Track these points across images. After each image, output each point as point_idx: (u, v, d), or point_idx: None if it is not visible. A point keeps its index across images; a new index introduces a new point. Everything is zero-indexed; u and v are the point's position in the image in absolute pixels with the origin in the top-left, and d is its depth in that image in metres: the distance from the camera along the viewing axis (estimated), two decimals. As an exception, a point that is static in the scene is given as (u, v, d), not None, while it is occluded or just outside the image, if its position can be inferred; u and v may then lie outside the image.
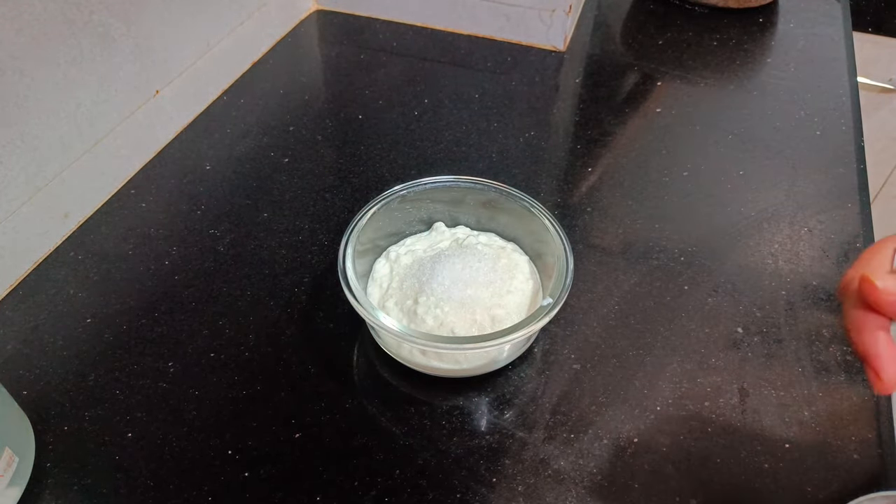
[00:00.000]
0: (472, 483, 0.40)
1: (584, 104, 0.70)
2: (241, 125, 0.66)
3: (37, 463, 0.40)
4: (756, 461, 0.41)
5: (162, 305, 0.50)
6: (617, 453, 0.41)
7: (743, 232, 0.56)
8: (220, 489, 0.40)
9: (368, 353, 0.47)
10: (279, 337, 0.48)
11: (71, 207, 0.55)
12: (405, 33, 0.80)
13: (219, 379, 0.45)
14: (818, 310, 0.50)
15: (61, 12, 0.49)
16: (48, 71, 0.49)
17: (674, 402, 0.44)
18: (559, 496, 0.40)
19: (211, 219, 0.57)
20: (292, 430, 0.42)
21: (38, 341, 0.47)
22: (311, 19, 0.82)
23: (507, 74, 0.73)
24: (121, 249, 0.54)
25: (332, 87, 0.72)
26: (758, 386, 0.45)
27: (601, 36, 0.81)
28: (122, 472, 0.40)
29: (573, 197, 0.59)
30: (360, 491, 0.40)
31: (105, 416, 0.43)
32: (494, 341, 0.39)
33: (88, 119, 0.54)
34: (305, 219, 0.57)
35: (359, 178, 0.61)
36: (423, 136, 0.65)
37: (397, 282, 0.47)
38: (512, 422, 0.43)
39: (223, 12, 0.67)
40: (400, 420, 0.43)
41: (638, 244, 0.55)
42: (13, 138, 0.48)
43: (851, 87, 0.72)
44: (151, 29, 0.58)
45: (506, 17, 0.77)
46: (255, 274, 0.52)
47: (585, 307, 0.50)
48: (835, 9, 0.85)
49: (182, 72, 0.63)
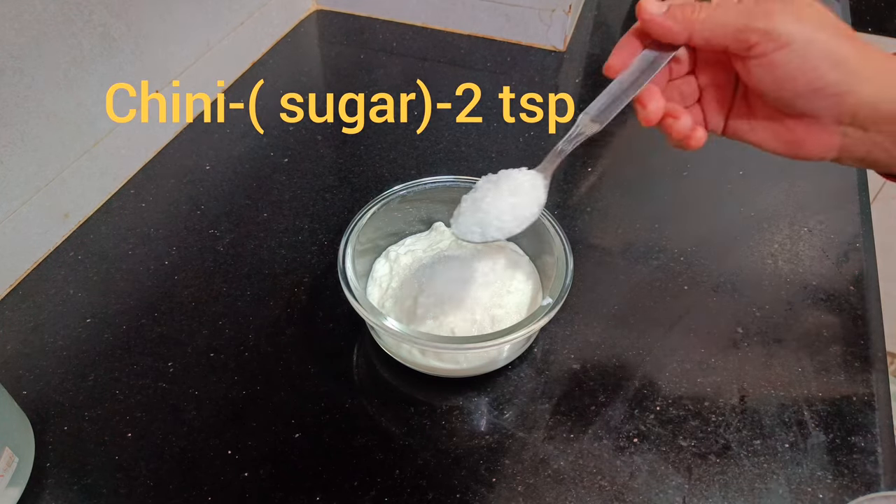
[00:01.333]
0: (472, 483, 0.40)
1: (583, 104, 0.69)
2: (241, 125, 0.66)
3: (37, 463, 0.40)
4: (756, 461, 0.41)
5: (162, 305, 0.50)
6: (617, 453, 0.41)
7: (743, 232, 0.56)
8: (220, 489, 0.40)
9: (368, 353, 0.47)
10: (279, 337, 0.48)
11: (71, 207, 0.55)
12: (405, 33, 0.80)
13: (218, 379, 0.45)
14: (818, 310, 0.50)
15: (61, 12, 0.49)
16: (48, 71, 0.49)
17: (674, 402, 0.44)
18: (559, 496, 0.40)
19: (211, 219, 0.57)
20: (292, 430, 0.42)
21: (38, 341, 0.47)
22: (311, 19, 0.82)
23: (507, 74, 0.73)
24: (121, 249, 0.54)
25: (332, 87, 0.72)
26: (758, 386, 0.45)
27: (601, 36, 0.81)
28: (122, 472, 0.40)
29: (573, 197, 0.59)
30: (360, 491, 0.40)
31: (105, 416, 0.43)
32: (494, 341, 0.39)
33: (88, 119, 0.54)
34: (305, 219, 0.57)
35: (359, 178, 0.61)
36: (423, 136, 0.65)
37: (397, 282, 0.47)
38: (512, 422, 0.43)
39: (223, 12, 0.67)
40: (400, 420, 0.43)
41: (638, 244, 0.55)
42: (13, 138, 0.48)
43: (851, 87, 0.72)
44: (151, 29, 0.58)
45: (506, 16, 0.77)
46: (255, 274, 0.52)
47: (585, 307, 0.50)
48: (834, 9, 0.85)
49: (182, 72, 0.63)
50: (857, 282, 0.52)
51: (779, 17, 0.33)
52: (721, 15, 0.34)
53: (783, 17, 0.33)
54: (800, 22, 0.33)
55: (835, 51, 0.33)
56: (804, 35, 0.33)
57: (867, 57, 0.34)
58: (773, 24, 0.33)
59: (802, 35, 0.33)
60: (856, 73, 0.33)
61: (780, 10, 0.33)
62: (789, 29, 0.33)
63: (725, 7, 0.34)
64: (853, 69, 0.33)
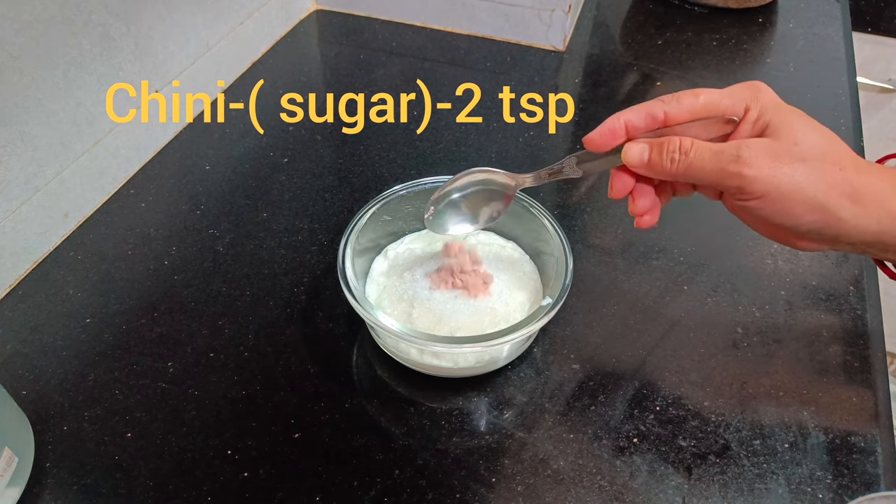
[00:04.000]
0: (472, 483, 0.40)
1: (583, 104, 0.70)
2: (240, 125, 0.66)
3: (36, 463, 0.40)
4: (756, 461, 0.41)
5: (161, 305, 0.50)
6: (616, 453, 0.41)
7: (743, 232, 0.56)
8: (220, 489, 0.40)
9: (368, 353, 0.47)
10: (279, 337, 0.48)
11: (71, 207, 0.55)
12: (405, 33, 0.80)
13: (218, 379, 0.45)
14: (818, 310, 0.50)
15: (61, 12, 0.49)
16: (48, 71, 0.49)
17: (673, 402, 0.44)
18: (559, 496, 0.40)
19: (210, 219, 0.57)
20: (292, 430, 0.42)
21: (37, 341, 0.47)
22: (311, 19, 0.82)
23: (507, 74, 0.73)
24: (120, 249, 0.54)
25: (331, 87, 0.72)
26: (758, 386, 0.45)
27: (600, 36, 0.81)
28: (122, 472, 0.40)
29: (573, 197, 0.59)
30: (360, 491, 0.40)
31: (104, 415, 0.43)
32: (494, 341, 0.39)
33: (88, 119, 0.54)
34: (305, 219, 0.57)
35: (358, 178, 0.61)
36: (423, 136, 0.65)
37: (395, 280, 0.47)
38: (511, 422, 0.43)
39: (223, 12, 0.67)
40: (399, 420, 0.43)
41: (638, 244, 0.55)
42: (13, 138, 0.48)
43: (851, 87, 0.72)
44: (151, 29, 0.58)
45: (505, 16, 0.77)
46: (255, 274, 0.52)
47: (585, 307, 0.50)
48: (834, 9, 0.85)
49: (182, 72, 0.63)
50: (857, 282, 0.52)
51: (753, 165, 0.33)
52: (698, 163, 0.35)
53: (758, 164, 0.33)
54: (776, 166, 0.33)
55: (811, 196, 0.34)
56: (778, 183, 0.33)
57: (851, 189, 0.34)
58: (744, 176, 0.33)
59: (776, 184, 0.33)
60: (835, 211, 0.34)
61: (755, 156, 0.33)
62: (764, 176, 0.33)
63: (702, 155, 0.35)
64: (832, 208, 0.34)
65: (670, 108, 0.36)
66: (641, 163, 0.37)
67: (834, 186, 0.34)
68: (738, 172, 0.34)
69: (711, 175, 0.35)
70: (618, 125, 0.37)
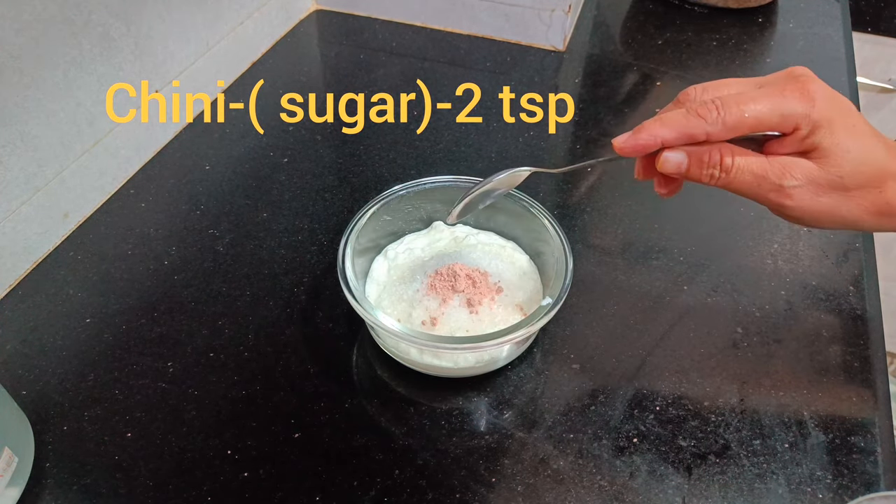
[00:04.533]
0: (472, 483, 0.40)
1: (583, 104, 0.70)
2: (240, 125, 0.66)
3: (36, 463, 0.40)
4: (756, 461, 0.41)
5: (161, 305, 0.50)
6: (616, 453, 0.41)
7: (743, 232, 0.56)
8: (220, 489, 0.40)
9: (368, 353, 0.47)
10: (279, 337, 0.48)
11: (70, 207, 0.55)
12: (405, 33, 0.80)
13: (218, 379, 0.45)
14: (818, 310, 0.50)
15: (61, 12, 0.49)
16: (48, 71, 0.49)
17: (673, 402, 0.44)
18: (559, 496, 0.40)
19: (210, 219, 0.57)
20: (292, 430, 0.42)
21: (37, 341, 0.47)
22: (311, 19, 0.82)
23: (507, 74, 0.73)
24: (120, 249, 0.54)
25: (331, 87, 0.72)
26: (758, 386, 0.45)
27: (600, 36, 0.81)
28: (122, 472, 0.40)
29: (573, 197, 0.59)
30: (360, 491, 0.40)
31: (104, 415, 0.43)
32: (494, 341, 0.39)
33: (88, 119, 0.54)
34: (305, 219, 0.57)
35: (358, 178, 0.61)
36: (423, 136, 0.65)
37: (396, 280, 0.47)
38: (511, 422, 0.43)
39: (223, 12, 0.67)
40: (399, 420, 0.43)
41: (638, 244, 0.55)
42: (13, 138, 0.48)
43: (851, 87, 0.72)
44: (151, 29, 0.58)
45: (505, 16, 0.77)
46: (255, 274, 0.52)
47: (585, 307, 0.50)
48: (834, 9, 0.85)
49: (182, 72, 0.63)
50: (857, 282, 0.52)
51: (795, 198, 0.35)
52: (737, 184, 0.35)
53: (800, 196, 0.35)
54: (817, 197, 0.35)
55: (846, 219, 0.36)
56: (818, 212, 0.35)
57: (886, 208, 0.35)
58: (784, 206, 0.35)
59: (815, 211, 0.35)
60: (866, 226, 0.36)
61: (797, 191, 0.35)
62: (804, 206, 0.35)
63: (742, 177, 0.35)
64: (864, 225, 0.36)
65: (714, 129, 0.34)
66: (679, 173, 0.36)
67: (870, 210, 0.35)
68: (780, 203, 0.35)
69: (750, 196, 0.36)
70: (653, 143, 0.36)
